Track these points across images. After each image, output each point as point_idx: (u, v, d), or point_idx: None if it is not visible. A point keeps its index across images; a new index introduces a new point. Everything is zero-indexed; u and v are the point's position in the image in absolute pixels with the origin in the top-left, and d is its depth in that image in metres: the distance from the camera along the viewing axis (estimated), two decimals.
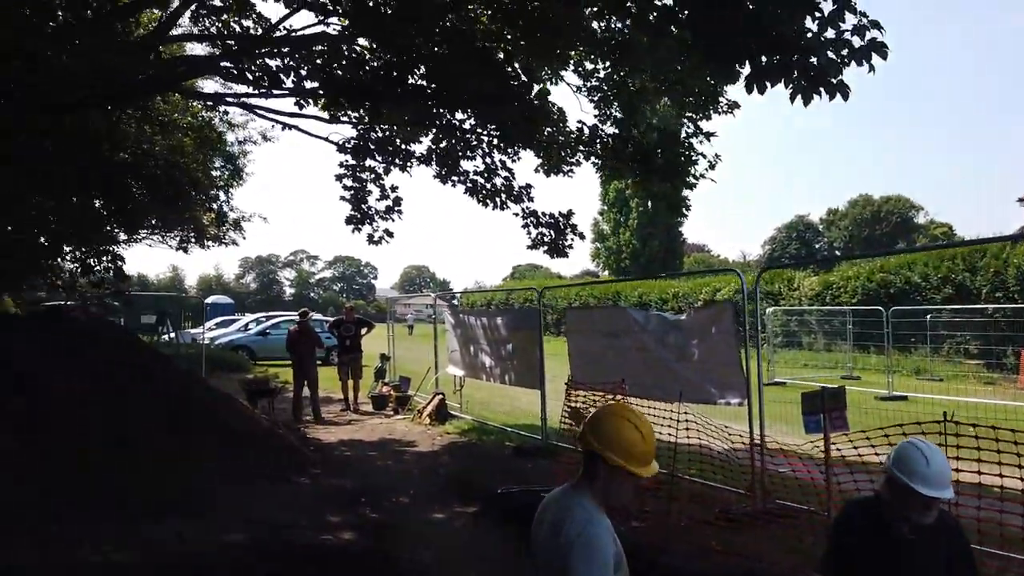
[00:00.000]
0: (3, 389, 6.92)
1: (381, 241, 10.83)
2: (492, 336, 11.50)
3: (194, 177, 13.68)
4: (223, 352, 21.63)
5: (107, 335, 8.39)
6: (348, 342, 14.35)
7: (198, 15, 11.21)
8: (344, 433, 11.65)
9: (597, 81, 10.35)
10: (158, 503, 6.72)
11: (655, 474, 2.39)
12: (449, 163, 10.39)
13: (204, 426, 7.85)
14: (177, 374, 8.68)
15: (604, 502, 2.35)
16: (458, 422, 12.13)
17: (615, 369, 8.42)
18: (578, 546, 2.20)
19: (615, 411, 2.47)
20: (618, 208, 56.35)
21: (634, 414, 2.40)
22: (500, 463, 9.34)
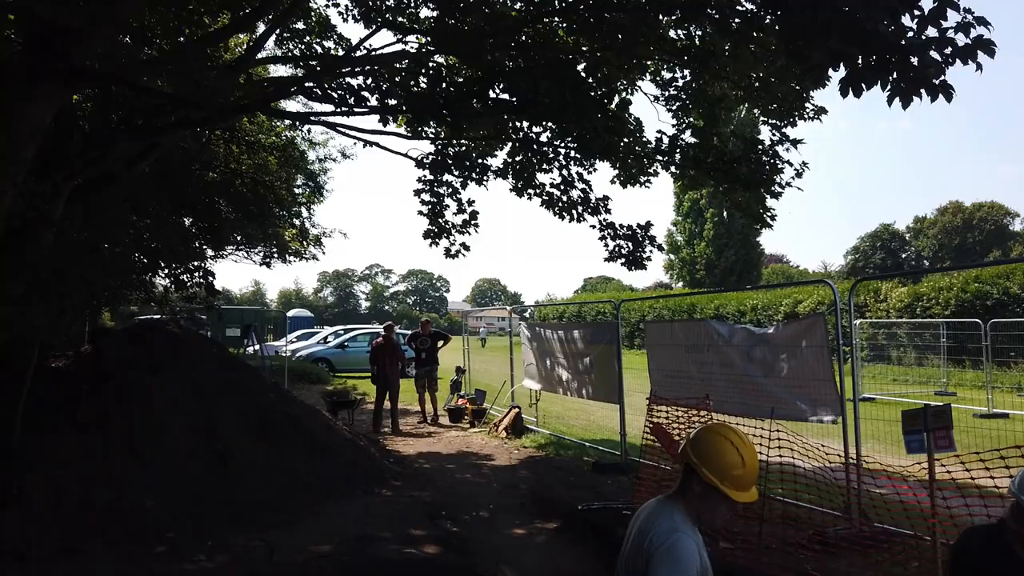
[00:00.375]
0: (104, 400, 7.25)
1: (458, 255, 10.90)
2: (569, 349, 11.40)
3: (278, 195, 14.15)
4: (304, 364, 22.24)
5: (199, 348, 8.71)
6: (424, 355, 14.53)
7: (282, 38, 11.64)
8: (422, 445, 11.73)
9: (675, 90, 10.17)
10: (247, 513, 6.90)
11: (752, 501, 2.33)
12: (525, 176, 10.39)
13: (290, 437, 8.03)
14: (264, 386, 8.93)
15: (696, 518, 2.33)
16: (535, 436, 12.06)
17: (698, 384, 8.21)
18: (660, 554, 2.19)
19: (718, 430, 2.42)
20: (692, 219, 55.49)
21: (738, 437, 2.36)
22: (579, 479, 9.23)
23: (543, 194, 10.48)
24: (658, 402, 7.65)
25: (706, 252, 54.35)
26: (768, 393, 7.36)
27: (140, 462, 6.79)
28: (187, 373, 7.88)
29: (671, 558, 2.18)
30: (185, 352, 8.28)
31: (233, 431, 7.52)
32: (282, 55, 11.14)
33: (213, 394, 7.82)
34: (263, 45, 9.75)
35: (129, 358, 7.79)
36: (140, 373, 7.45)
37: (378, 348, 13.85)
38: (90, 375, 7.57)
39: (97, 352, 8.17)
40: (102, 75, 6.90)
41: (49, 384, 7.27)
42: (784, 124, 9.25)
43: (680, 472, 2.43)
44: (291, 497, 7.35)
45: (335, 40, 11.89)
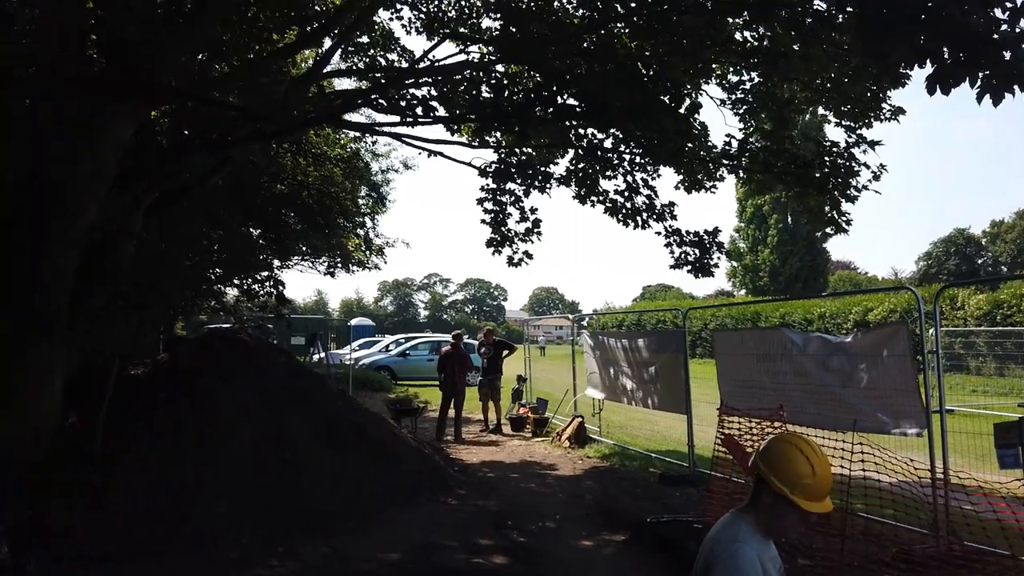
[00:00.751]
0: (179, 407, 7.44)
1: (521, 263, 10.88)
2: (633, 358, 11.22)
3: (343, 205, 14.39)
4: (367, 372, 22.54)
5: (268, 356, 8.89)
6: (487, 363, 14.55)
7: (347, 52, 11.85)
8: (485, 454, 11.71)
9: (743, 93, 9.94)
10: (315, 520, 6.98)
11: (825, 512, 2.27)
12: (588, 183, 10.30)
13: (357, 445, 8.11)
14: (331, 394, 9.06)
15: (767, 530, 2.28)
16: (598, 446, 11.91)
17: (770, 395, 7.95)
18: (720, 564, 2.18)
19: (788, 439, 2.38)
20: (756, 225, 54.31)
21: (810, 446, 2.29)
22: (646, 490, 9.05)
23: (607, 201, 10.38)
24: (729, 413, 7.43)
25: (770, 259, 53.13)
26: (846, 404, 7.07)
27: (213, 468, 6.94)
28: (257, 381, 8.05)
29: (730, 568, 2.15)
30: (255, 360, 8.47)
31: (301, 438, 7.63)
32: (347, 68, 11.34)
33: (282, 402, 7.96)
34: (329, 59, 9.95)
35: (202, 366, 8.00)
36: (212, 381, 7.64)
37: (446, 356, 13.93)
38: (166, 383, 7.81)
39: (172, 360, 8.44)
40: (179, 91, 7.14)
41: (128, 392, 7.52)
42: (859, 125, 8.92)
43: (752, 484, 2.39)
44: (358, 505, 7.41)
45: (398, 52, 12.07)
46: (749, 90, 9.90)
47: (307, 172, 13.59)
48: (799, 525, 2.28)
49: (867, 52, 5.92)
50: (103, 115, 6.51)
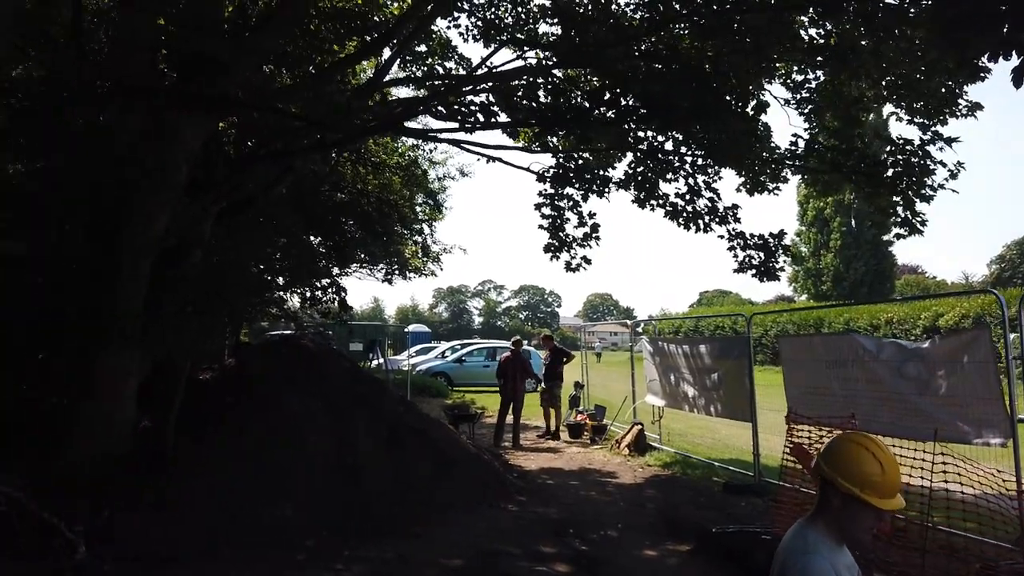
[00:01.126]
0: (246, 411, 7.60)
1: (579, 268, 10.79)
2: (695, 365, 11.01)
3: (402, 213, 14.56)
4: (423, 378, 22.73)
5: (331, 362, 9.02)
6: (545, 370, 14.51)
7: (405, 61, 11.99)
8: (544, 461, 11.63)
9: (808, 92, 9.67)
10: (379, 524, 7.03)
11: (899, 508, 2.16)
12: (648, 186, 10.16)
13: (418, 449, 8.14)
14: (392, 399, 9.13)
15: (839, 535, 2.17)
16: (659, 454, 11.72)
17: (840, 402, 7.69)
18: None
19: (851, 438, 2.26)
20: (818, 228, 52.92)
21: (874, 443, 2.19)
22: (709, 499, 8.85)
23: (667, 204, 10.22)
24: (798, 421, 7.20)
25: (833, 263, 51.68)
26: (923, 413, 6.78)
27: (278, 471, 7.05)
28: (320, 386, 8.17)
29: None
30: (318, 366, 8.60)
31: (364, 443, 7.70)
32: (406, 77, 11.47)
33: (344, 406, 8.06)
34: (389, 69, 10.08)
35: (267, 371, 8.17)
36: (277, 386, 7.78)
37: (506, 362, 13.93)
38: (233, 388, 8.00)
39: (239, 366, 8.64)
40: (245, 102, 7.32)
41: (197, 396, 7.71)
42: (933, 122, 8.56)
43: (817, 490, 2.28)
44: (420, 509, 7.43)
45: (456, 60, 12.16)
46: (815, 89, 9.63)
47: (366, 180, 13.79)
48: (873, 526, 2.17)
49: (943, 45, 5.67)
50: (174, 127, 6.71)
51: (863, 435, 2.29)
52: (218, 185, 7.51)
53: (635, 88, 7.53)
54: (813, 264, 53.67)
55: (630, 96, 7.73)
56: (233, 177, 7.65)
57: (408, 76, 12.02)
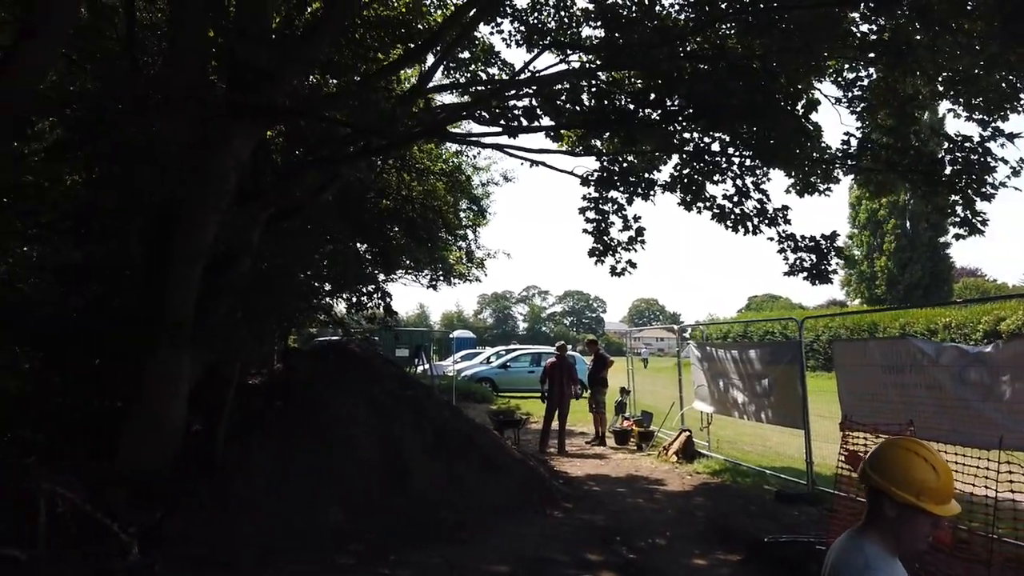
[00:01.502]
0: (294, 415, 7.70)
1: (624, 272, 10.67)
2: (744, 370, 10.77)
3: (446, 219, 14.62)
4: (468, 384, 22.78)
5: (378, 367, 9.08)
6: (589, 376, 14.42)
7: (449, 68, 12.06)
8: (590, 467, 11.52)
9: (860, 90, 9.41)
10: (425, 529, 7.03)
11: (956, 514, 2.05)
12: (694, 189, 10.00)
13: (464, 455, 8.13)
14: (438, 404, 9.15)
15: (895, 547, 2.07)
16: (708, 461, 11.49)
17: (898, 409, 7.43)
18: None
19: (901, 444, 2.15)
20: (871, 230, 51.54)
21: (924, 448, 2.09)
22: (761, 508, 8.63)
23: (714, 207, 10.04)
24: (853, 428, 6.97)
25: (887, 266, 50.26)
26: (987, 420, 6.49)
27: (326, 475, 7.11)
28: (367, 391, 8.23)
29: None
30: (365, 371, 8.66)
31: (410, 447, 7.72)
32: (450, 83, 11.53)
33: (391, 411, 8.09)
34: (432, 75, 10.15)
35: (315, 376, 8.26)
36: (325, 391, 7.86)
37: (551, 368, 13.85)
38: (281, 392, 8.11)
39: (287, 371, 8.76)
40: (293, 110, 7.44)
41: (247, 401, 7.84)
42: (993, 118, 8.23)
43: (867, 499, 2.16)
44: (467, 515, 7.41)
45: (499, 66, 12.19)
46: (867, 86, 9.37)
47: (411, 187, 13.90)
48: (929, 533, 2.08)
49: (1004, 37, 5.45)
50: (223, 136, 6.85)
51: (911, 440, 2.21)
52: (266, 193, 7.65)
53: (681, 88, 7.41)
54: (866, 268, 52.31)
55: (676, 96, 7.61)
56: (280, 185, 7.78)
57: (452, 82, 12.10)
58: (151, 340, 6.39)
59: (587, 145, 9.84)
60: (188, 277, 6.58)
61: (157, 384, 6.51)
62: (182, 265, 6.55)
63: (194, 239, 6.50)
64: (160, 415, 6.50)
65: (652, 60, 7.21)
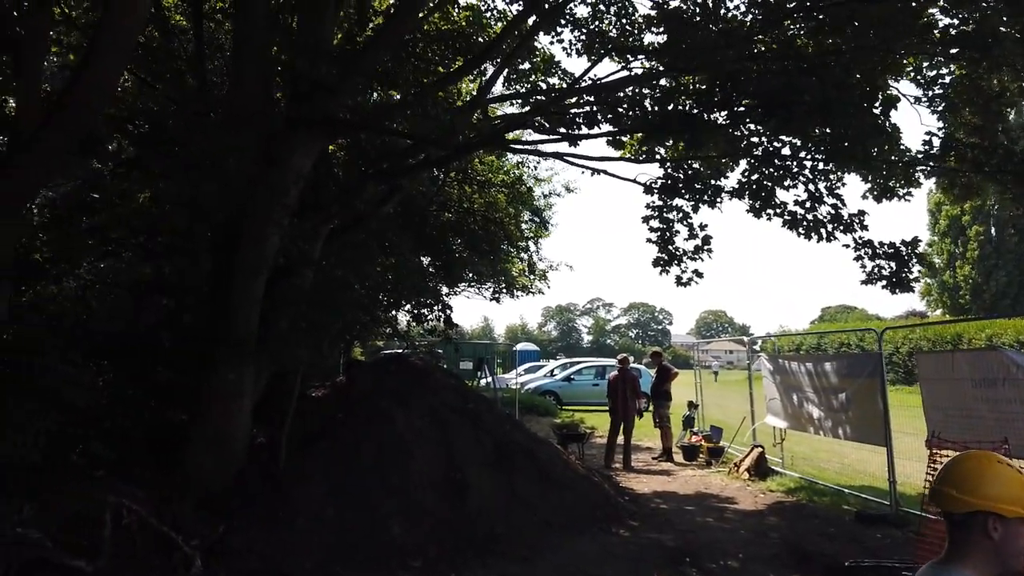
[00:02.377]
0: (356, 427, 7.68)
1: (690, 282, 10.35)
2: (820, 384, 10.28)
3: (508, 231, 14.56)
4: (532, 397, 22.59)
5: (440, 379, 9.02)
6: (652, 389, 14.08)
7: (508, 79, 12.03)
8: (656, 484, 11.19)
9: (941, 88, 8.91)
10: (486, 545, 6.89)
11: None
12: (763, 195, 9.63)
13: (526, 469, 7.97)
14: (500, 417, 9.02)
15: (998, 570, 1.85)
16: (781, 479, 11.01)
17: (990, 425, 6.93)
18: None
19: (986, 457, 1.95)
20: (953, 237, 49.25)
21: (998, 456, 1.95)
22: (840, 530, 8.17)
23: (784, 213, 9.64)
24: (942, 446, 6.51)
25: (971, 275, 47.90)
26: None
27: (387, 488, 7.05)
28: (429, 403, 8.15)
29: None
30: (427, 383, 8.60)
31: (471, 461, 7.60)
32: (510, 94, 11.49)
33: (453, 424, 8.00)
34: (492, 86, 10.11)
35: (377, 388, 8.25)
36: (387, 403, 7.82)
37: (614, 381, 13.58)
38: (344, 404, 8.12)
39: (349, 383, 8.79)
40: (353, 123, 7.48)
41: (309, 413, 7.88)
42: None
43: (948, 525, 1.94)
44: (528, 531, 7.24)
45: (559, 76, 12.09)
46: (949, 84, 8.86)
47: (472, 199, 13.90)
48: None
49: None
50: (286, 150, 6.93)
51: (984, 452, 2.02)
52: (327, 205, 7.70)
53: (748, 87, 7.13)
54: (949, 277, 49.99)
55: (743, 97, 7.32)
56: (341, 198, 7.83)
57: (511, 93, 12.05)
58: (216, 353, 6.47)
59: (650, 151, 9.60)
60: (252, 290, 6.65)
61: (222, 397, 6.59)
62: (246, 279, 6.63)
63: (257, 253, 6.57)
64: (224, 428, 6.57)
65: (718, 61, 6.95)
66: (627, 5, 11.07)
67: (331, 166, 8.60)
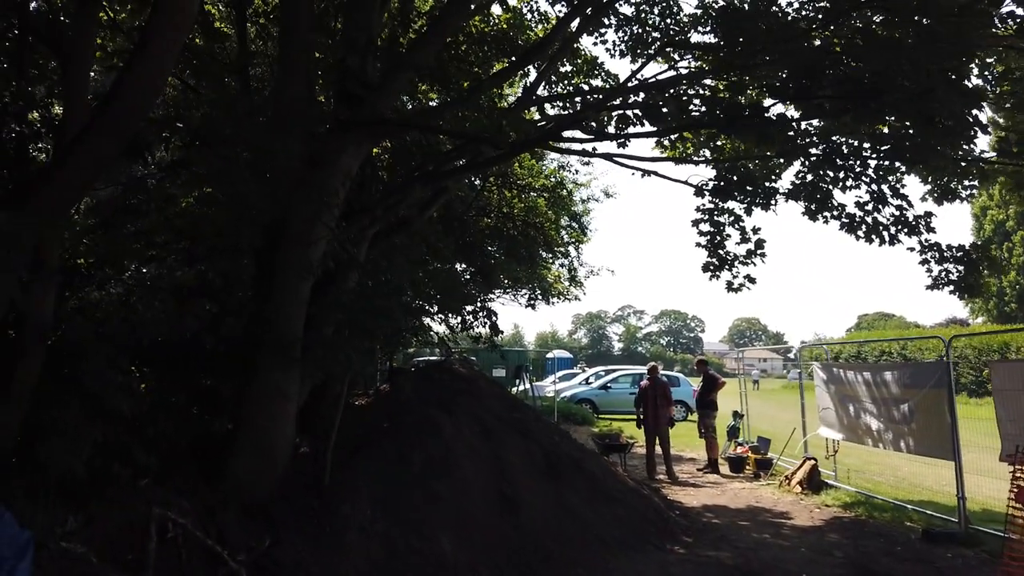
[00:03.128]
0: (402, 438, 7.45)
1: (741, 288, 10.01)
2: (879, 394, 9.82)
3: (547, 236, 14.30)
4: (568, 405, 22.23)
5: (484, 387, 8.76)
6: (696, 398, 13.69)
7: (551, 83, 11.80)
8: (705, 497, 10.81)
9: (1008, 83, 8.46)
10: (538, 561, 6.60)
11: None
12: (819, 197, 9.24)
13: (575, 482, 7.66)
14: (547, 427, 8.71)
15: None
16: (836, 492, 10.57)
17: None
18: None
19: None
20: (998, 242, 47.89)
21: None
22: (907, 548, 7.76)
23: (843, 215, 9.24)
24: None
25: (1019, 281, 46.58)
26: None
27: (434, 501, 6.79)
28: (474, 412, 7.89)
29: None
30: (473, 392, 8.34)
31: (520, 473, 7.32)
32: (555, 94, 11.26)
33: (500, 434, 7.72)
34: (536, 89, 9.88)
35: (422, 397, 8.00)
36: (433, 411, 7.56)
37: (644, 390, 13.21)
38: (388, 413, 7.89)
39: (394, 391, 8.55)
40: (400, 122, 7.28)
41: (353, 422, 7.66)
42: None
43: None
44: (581, 547, 6.93)
45: (602, 78, 11.84)
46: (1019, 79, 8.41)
47: (512, 204, 13.68)
48: None
49: None
50: (332, 151, 6.74)
51: None
52: (373, 208, 7.50)
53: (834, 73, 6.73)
54: (994, 282, 48.57)
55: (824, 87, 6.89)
56: (386, 200, 7.62)
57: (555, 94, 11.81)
58: (260, 359, 6.28)
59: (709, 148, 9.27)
60: (297, 295, 6.44)
61: (266, 404, 6.37)
62: (291, 281, 6.42)
63: (303, 256, 6.37)
64: (269, 437, 6.35)
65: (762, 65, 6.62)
66: (672, 4, 10.80)
67: (376, 168, 8.41)
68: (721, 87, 8.85)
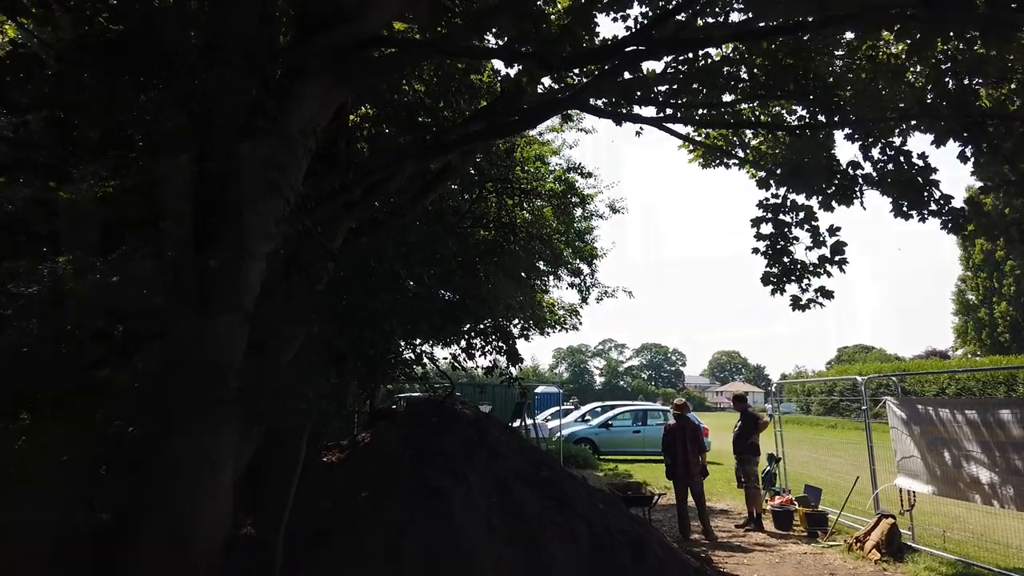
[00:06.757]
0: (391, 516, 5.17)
1: (812, 304, 7.99)
2: (992, 437, 7.79)
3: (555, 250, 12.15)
4: (567, 445, 19.84)
5: (497, 435, 6.46)
6: (734, 440, 11.59)
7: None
8: (763, 566, 8.65)
9: None
10: None
11: None
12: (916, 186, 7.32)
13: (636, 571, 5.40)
14: (589, 491, 6.37)
15: None
16: (927, 559, 8.49)
17: None
18: None
19: None
20: (988, 272, 47.01)
21: None
22: None
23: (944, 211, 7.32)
24: None
25: (1009, 312, 45.53)
26: None
27: None
28: (491, 472, 5.58)
29: None
30: (482, 442, 6.06)
31: (561, 562, 5.04)
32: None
33: (526, 503, 5.42)
34: None
35: (417, 451, 5.73)
36: (435, 474, 5.26)
37: (671, 432, 11.05)
38: (370, 476, 5.58)
39: (377, 442, 6.22)
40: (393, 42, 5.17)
41: (320, 486, 5.40)
42: None
43: None
44: None
45: None
46: None
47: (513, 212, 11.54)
48: None
49: None
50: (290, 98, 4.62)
51: None
52: (349, 189, 5.35)
53: None
54: (984, 313, 47.61)
55: None
56: (367, 179, 5.47)
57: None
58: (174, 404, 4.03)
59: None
60: (234, 294, 4.20)
61: (185, 469, 4.12)
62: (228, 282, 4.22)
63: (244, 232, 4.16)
64: (188, 524, 4.06)
65: None
66: None
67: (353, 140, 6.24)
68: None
